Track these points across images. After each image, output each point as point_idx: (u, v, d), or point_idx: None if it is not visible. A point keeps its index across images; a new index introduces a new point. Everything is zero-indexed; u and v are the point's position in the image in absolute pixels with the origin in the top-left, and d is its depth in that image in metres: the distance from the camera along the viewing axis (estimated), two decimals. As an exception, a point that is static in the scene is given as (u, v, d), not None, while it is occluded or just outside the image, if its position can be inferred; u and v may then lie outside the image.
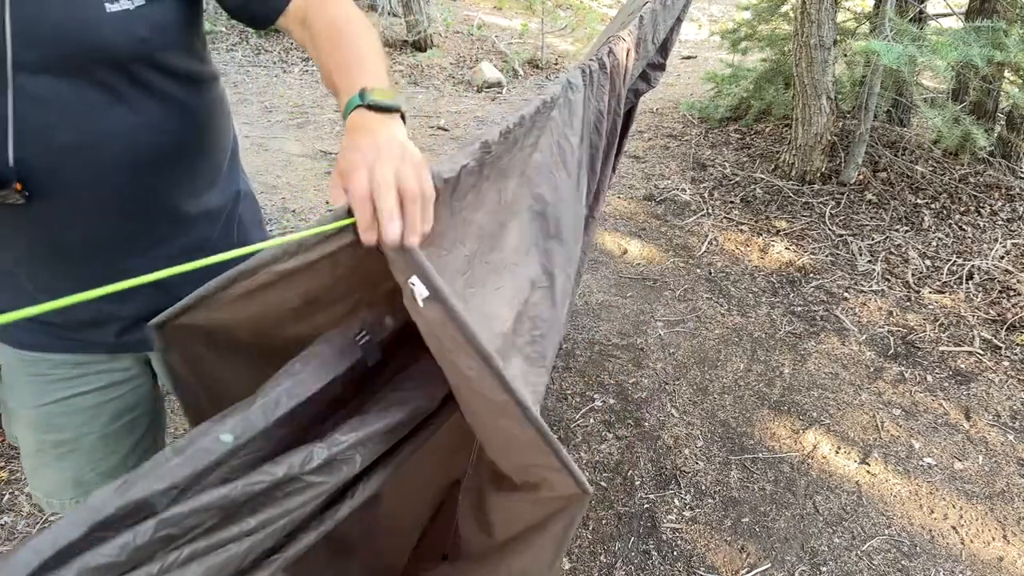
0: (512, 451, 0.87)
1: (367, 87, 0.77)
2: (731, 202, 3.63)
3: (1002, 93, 3.52)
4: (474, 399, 0.80)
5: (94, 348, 1.03)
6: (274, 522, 0.69)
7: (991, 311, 2.73)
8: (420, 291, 0.67)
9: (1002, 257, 3.03)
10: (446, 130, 4.77)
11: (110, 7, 0.83)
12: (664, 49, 1.50)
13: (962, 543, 1.83)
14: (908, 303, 2.82)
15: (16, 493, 1.85)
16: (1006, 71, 3.39)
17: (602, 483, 1.99)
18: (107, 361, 1.05)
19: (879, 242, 3.19)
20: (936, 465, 2.07)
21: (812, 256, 3.14)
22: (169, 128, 0.95)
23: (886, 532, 1.86)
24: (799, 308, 2.81)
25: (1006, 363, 2.47)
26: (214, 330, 0.84)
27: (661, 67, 1.52)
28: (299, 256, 0.71)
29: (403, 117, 0.78)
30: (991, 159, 3.55)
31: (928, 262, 3.05)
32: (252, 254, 0.70)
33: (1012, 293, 2.81)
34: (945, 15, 3.84)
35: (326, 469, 0.75)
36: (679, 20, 1.48)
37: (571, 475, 0.83)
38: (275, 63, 6.09)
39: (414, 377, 0.91)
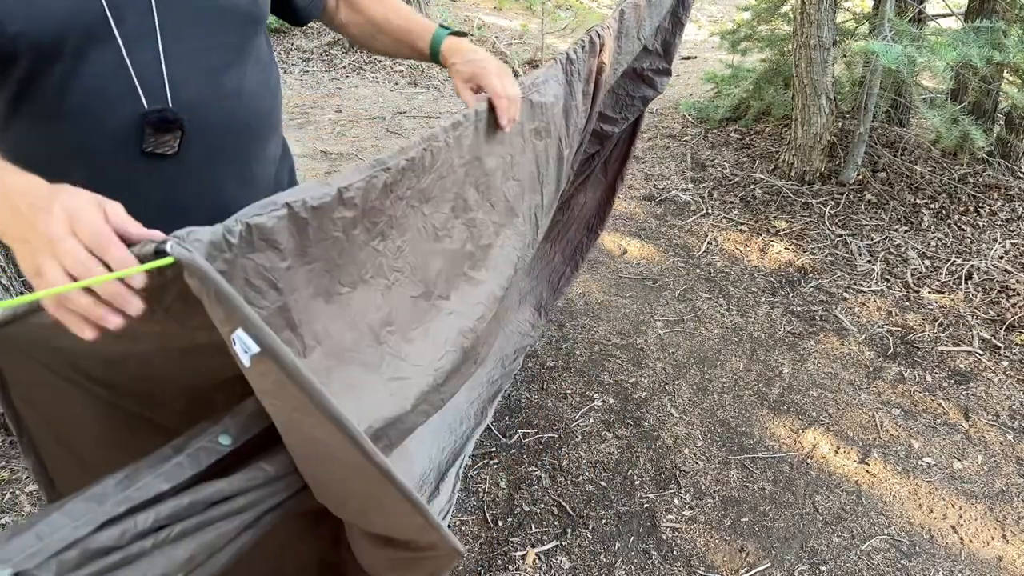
0: (373, 512, 0.79)
1: (442, 24, 1.06)
2: (731, 202, 3.64)
3: (1001, 93, 3.52)
4: (324, 460, 0.71)
5: None
6: (262, 501, 0.71)
7: (990, 311, 2.73)
8: (247, 346, 0.57)
9: (1001, 257, 3.03)
10: (446, 130, 4.77)
11: None
12: (668, 54, 1.50)
13: (961, 543, 1.84)
14: (907, 303, 2.82)
15: (16, 492, 1.85)
16: (1005, 71, 3.39)
17: (602, 483, 1.99)
18: None
19: (878, 242, 3.20)
20: (935, 465, 2.08)
21: (811, 256, 3.14)
22: (270, 88, 1.01)
23: (885, 532, 1.86)
24: (798, 308, 2.81)
25: (1005, 363, 2.48)
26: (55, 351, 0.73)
27: (667, 72, 1.53)
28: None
29: None
30: (990, 159, 3.55)
31: (927, 262, 3.05)
32: None
33: (1011, 293, 2.81)
34: (944, 15, 3.84)
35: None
36: (680, 24, 1.48)
37: (441, 535, 0.76)
38: (275, 63, 6.08)
39: None
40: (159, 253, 0.55)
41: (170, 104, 0.85)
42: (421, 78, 5.89)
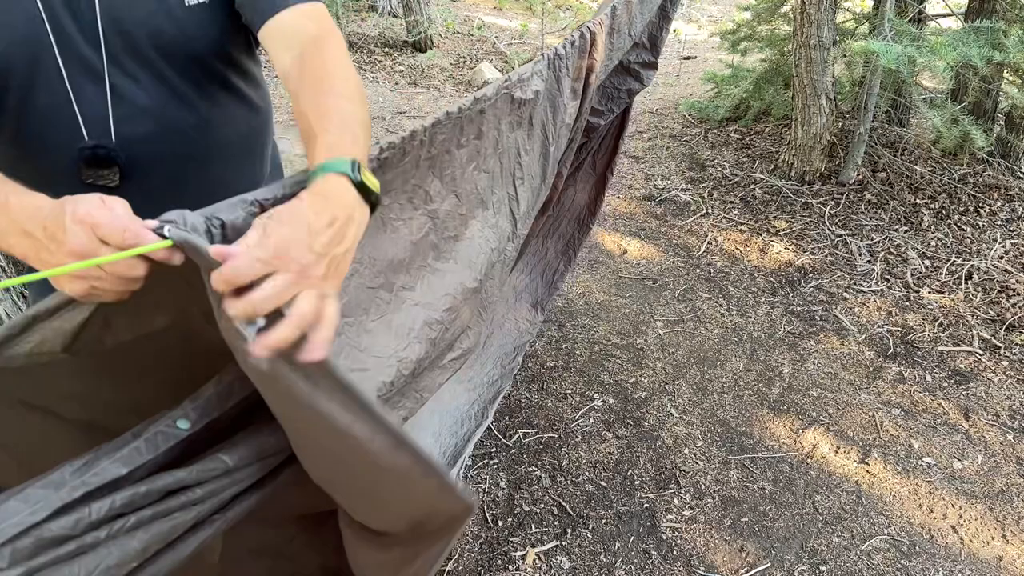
0: (385, 486, 0.77)
1: (363, 162, 0.67)
2: (731, 202, 3.64)
3: (1001, 93, 3.52)
4: (337, 446, 0.69)
5: None
6: (222, 491, 0.71)
7: (990, 311, 2.73)
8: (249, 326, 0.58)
9: (1001, 257, 3.03)
10: (446, 130, 4.77)
11: (188, 1, 0.87)
12: (655, 47, 1.50)
13: (961, 542, 1.84)
14: (907, 303, 2.82)
15: (17, 493, 1.85)
16: (1005, 71, 3.39)
17: (602, 483, 1.99)
18: None
19: (878, 242, 3.20)
20: (935, 465, 2.08)
21: (811, 256, 3.14)
22: (234, 121, 0.98)
23: (885, 531, 1.86)
24: (798, 308, 2.81)
25: (1005, 363, 2.48)
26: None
27: (653, 65, 1.52)
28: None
29: (373, 210, 0.69)
30: (990, 159, 3.55)
31: (927, 262, 3.05)
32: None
33: (1011, 293, 2.81)
34: (944, 15, 3.84)
35: (275, 455, 0.77)
36: (668, 18, 1.48)
37: (455, 494, 0.76)
38: (275, 63, 6.07)
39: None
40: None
41: (113, 140, 0.85)
42: (421, 78, 5.89)
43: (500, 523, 1.86)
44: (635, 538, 1.83)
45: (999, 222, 3.26)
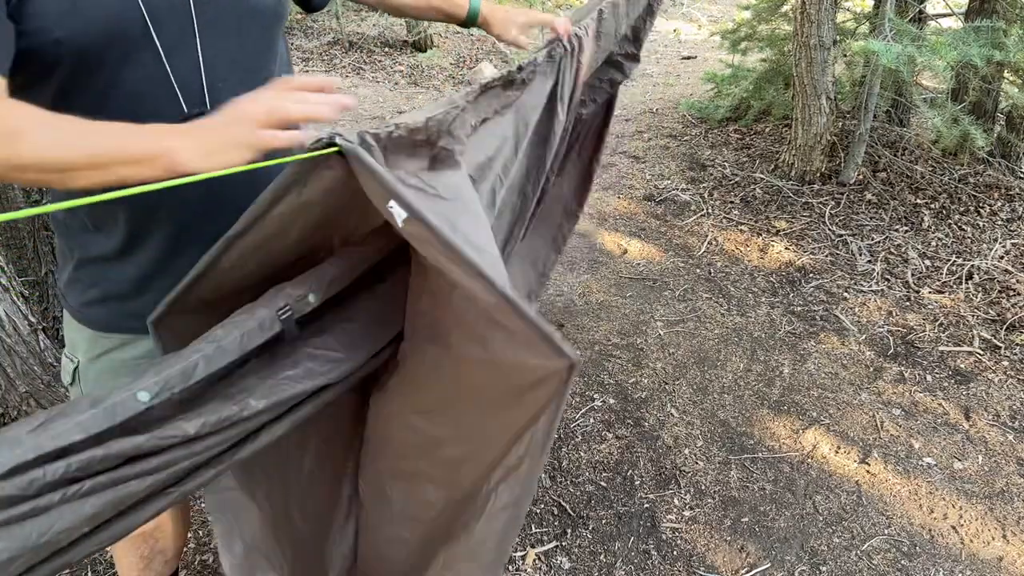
0: (496, 342, 0.87)
1: None
2: (731, 202, 3.64)
3: (1001, 93, 3.51)
4: (461, 307, 0.86)
5: None
6: (177, 463, 0.72)
7: (991, 311, 2.73)
8: (399, 213, 0.73)
9: (1002, 257, 3.03)
10: (446, 130, 4.78)
11: None
12: (637, 39, 1.51)
13: (962, 543, 1.84)
14: (908, 303, 2.82)
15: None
16: (1005, 71, 3.39)
17: (602, 483, 1.99)
18: None
19: (879, 242, 3.20)
20: (936, 465, 2.07)
21: (812, 256, 3.14)
22: None
23: (886, 532, 1.86)
24: (799, 308, 2.81)
25: (1006, 363, 2.48)
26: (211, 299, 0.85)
27: (635, 58, 1.54)
28: (292, 195, 0.77)
29: None
30: (990, 159, 3.55)
31: (928, 262, 3.05)
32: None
33: (1011, 293, 2.81)
34: (945, 15, 3.84)
35: (235, 427, 0.78)
36: (652, 13, 1.49)
37: (557, 351, 0.79)
38: (275, 63, 6.07)
39: (330, 347, 0.92)
40: (329, 145, 0.73)
41: (208, 107, 0.87)
42: (421, 78, 5.89)
43: (500, 523, 1.86)
44: (635, 538, 1.83)
45: (999, 222, 3.26)
